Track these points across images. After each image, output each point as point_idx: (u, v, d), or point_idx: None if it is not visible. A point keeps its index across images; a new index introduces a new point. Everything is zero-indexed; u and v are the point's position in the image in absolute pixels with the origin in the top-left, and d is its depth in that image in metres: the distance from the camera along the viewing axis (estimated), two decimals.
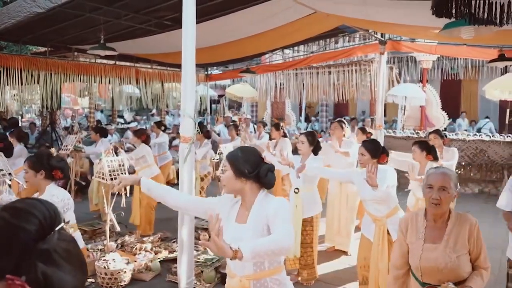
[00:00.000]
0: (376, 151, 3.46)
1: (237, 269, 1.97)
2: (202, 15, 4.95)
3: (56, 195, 2.98)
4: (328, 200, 5.39)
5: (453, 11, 2.29)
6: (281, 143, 6.34)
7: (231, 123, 9.68)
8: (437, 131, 5.49)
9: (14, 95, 8.83)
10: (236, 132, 7.68)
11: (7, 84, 7.00)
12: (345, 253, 5.16)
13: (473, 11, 2.09)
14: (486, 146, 8.72)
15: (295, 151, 4.91)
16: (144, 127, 10.02)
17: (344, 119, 7.11)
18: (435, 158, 4.41)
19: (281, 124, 7.04)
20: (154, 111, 16.06)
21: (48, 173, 3.03)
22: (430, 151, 4.46)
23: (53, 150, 6.18)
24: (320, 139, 4.63)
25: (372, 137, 6.21)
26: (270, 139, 7.05)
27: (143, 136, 5.93)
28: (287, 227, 1.84)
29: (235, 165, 2.00)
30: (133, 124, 12.34)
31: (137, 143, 5.81)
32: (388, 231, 3.34)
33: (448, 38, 4.46)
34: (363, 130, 6.51)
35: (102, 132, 6.84)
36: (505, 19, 2.17)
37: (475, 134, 9.31)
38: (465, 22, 2.46)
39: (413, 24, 5.27)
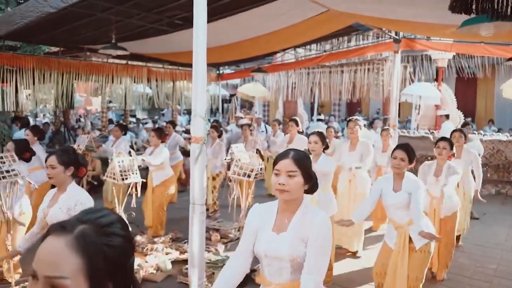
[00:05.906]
0: (414, 157, 3.36)
1: (273, 277, 1.87)
2: (213, 14, 4.91)
3: (83, 202, 2.70)
4: (337, 200, 5.27)
5: (473, 7, 2.20)
6: (298, 141, 6.29)
7: (244, 124, 9.61)
8: (462, 130, 5.36)
9: (29, 95, 8.89)
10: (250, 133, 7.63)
11: (21, 84, 7.06)
12: (353, 254, 5.07)
13: (496, 6, 1.99)
14: (503, 146, 8.51)
15: None
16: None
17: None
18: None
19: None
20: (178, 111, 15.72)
21: (75, 170, 2.83)
22: (453, 150, 4.34)
23: (75, 146, 6.20)
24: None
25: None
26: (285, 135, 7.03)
27: (165, 137, 5.88)
28: (321, 265, 1.76)
29: (305, 170, 1.82)
30: (149, 125, 12.19)
31: (158, 144, 5.64)
32: (410, 238, 3.23)
33: (465, 35, 4.33)
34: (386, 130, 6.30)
35: (125, 130, 6.93)
36: None
37: (492, 134, 9.10)
38: (487, 18, 2.36)
39: (429, 21, 5.15)
